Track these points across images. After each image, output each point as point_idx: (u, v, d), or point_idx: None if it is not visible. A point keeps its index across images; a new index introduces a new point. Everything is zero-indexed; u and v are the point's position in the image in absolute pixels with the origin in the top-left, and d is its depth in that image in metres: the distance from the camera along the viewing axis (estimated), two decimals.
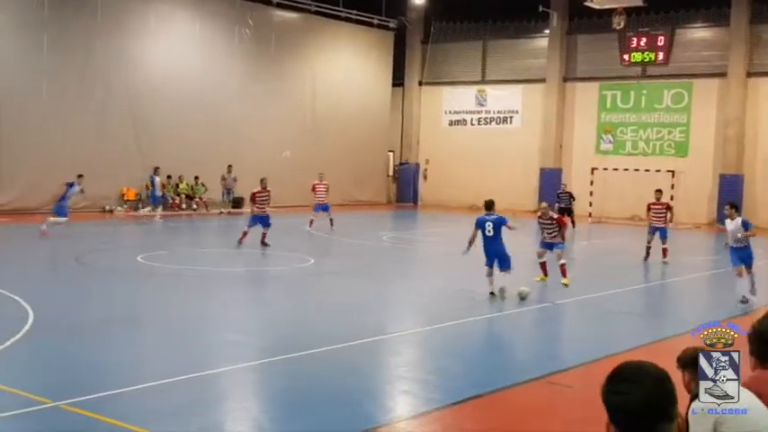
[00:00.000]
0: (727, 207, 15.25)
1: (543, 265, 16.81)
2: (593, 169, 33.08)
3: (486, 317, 12.96)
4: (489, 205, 15.12)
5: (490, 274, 14.70)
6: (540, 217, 17.24)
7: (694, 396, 3.42)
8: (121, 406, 7.75)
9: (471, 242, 14.86)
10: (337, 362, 9.80)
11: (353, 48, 38.00)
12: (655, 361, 9.12)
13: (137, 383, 8.34)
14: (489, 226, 14.67)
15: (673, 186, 32.19)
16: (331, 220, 25.74)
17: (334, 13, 36.11)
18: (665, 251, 20.61)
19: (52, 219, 21.40)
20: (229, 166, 31.22)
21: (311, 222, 25.46)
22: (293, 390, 8.60)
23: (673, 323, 13.07)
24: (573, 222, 28.76)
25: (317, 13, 35.68)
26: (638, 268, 20.75)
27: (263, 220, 20.80)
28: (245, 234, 20.70)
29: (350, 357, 10.05)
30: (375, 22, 37.96)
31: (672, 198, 31.88)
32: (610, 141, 35.63)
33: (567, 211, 28.42)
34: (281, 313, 13.12)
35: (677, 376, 3.88)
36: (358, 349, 10.40)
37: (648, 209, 21.28)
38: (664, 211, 20.95)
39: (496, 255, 14.73)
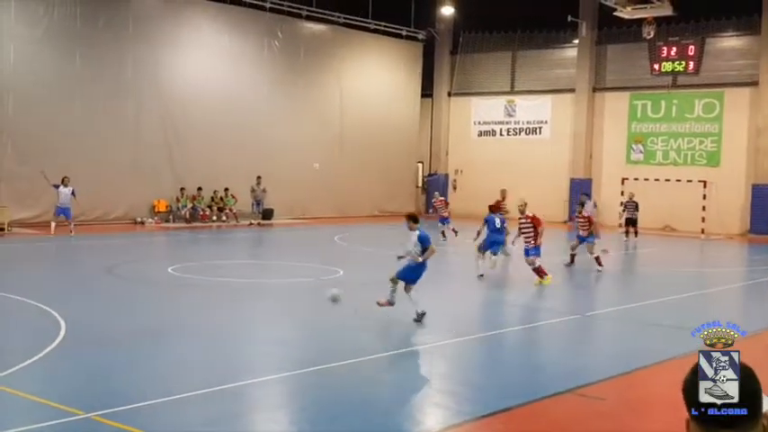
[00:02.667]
0: None
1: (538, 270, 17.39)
2: (623, 179, 32.83)
3: (515, 329, 12.89)
4: (495, 208, 20.62)
5: (482, 258, 17.93)
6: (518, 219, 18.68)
7: None
8: (153, 418, 7.79)
9: (480, 233, 19.05)
10: (367, 373, 9.80)
11: (382, 59, 38.12)
12: (684, 373, 8.94)
13: (168, 395, 8.39)
14: (498, 221, 18.71)
15: (705, 197, 31.86)
16: (453, 230, 27.11)
17: (363, 25, 36.28)
18: (597, 260, 20.40)
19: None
20: (258, 177, 31.41)
21: (443, 234, 26.63)
22: (323, 401, 8.60)
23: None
24: (636, 232, 28.69)
25: (345, 25, 35.86)
26: (670, 279, 20.54)
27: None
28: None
29: (380, 369, 10.04)
30: (404, 33, 38.06)
31: (704, 209, 31.61)
32: (640, 151, 35.36)
33: (633, 221, 28.49)
34: (310, 325, 13.13)
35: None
36: (388, 361, 10.39)
37: (572, 219, 21.10)
38: (587, 222, 20.84)
39: (498, 243, 18.82)
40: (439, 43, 40.10)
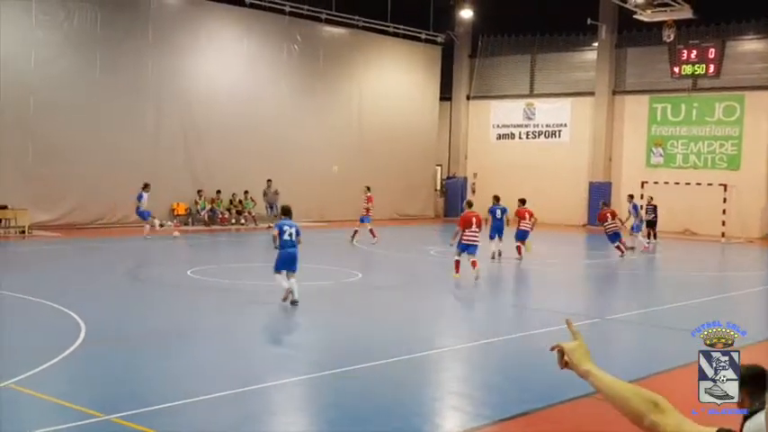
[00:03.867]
0: None
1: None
2: (643, 183, 32.63)
3: (534, 332, 12.83)
4: (498, 198, 23.45)
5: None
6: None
7: (752, 413, 3.34)
8: (172, 420, 7.83)
9: (487, 221, 21.12)
10: (385, 377, 9.80)
11: (401, 62, 38.15)
12: None
13: (187, 398, 8.43)
14: (499, 212, 22.49)
15: (725, 200, 31.61)
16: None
17: (382, 28, 36.32)
18: (518, 248, 22.38)
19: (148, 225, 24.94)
20: (269, 180, 31.42)
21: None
22: (341, 405, 8.62)
23: None
24: (654, 235, 28.84)
25: (364, 28, 35.92)
26: (691, 283, 20.40)
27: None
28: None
29: (398, 372, 10.04)
30: (423, 36, 38.06)
31: (724, 212, 31.36)
32: (660, 155, 35.16)
33: (653, 223, 28.64)
34: (329, 328, 13.16)
35: None
36: (406, 364, 10.39)
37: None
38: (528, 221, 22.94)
39: (499, 230, 22.31)
40: (458, 46, 40.07)
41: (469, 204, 19.68)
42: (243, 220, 31.35)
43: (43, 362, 9.53)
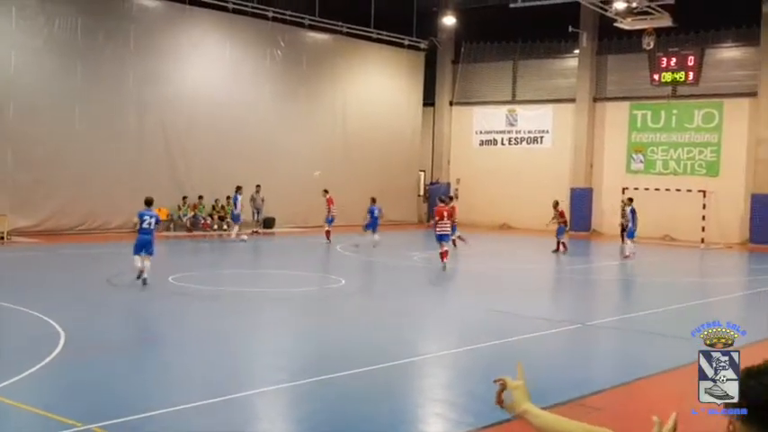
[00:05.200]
0: None
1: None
2: (623, 189, 32.82)
3: (516, 338, 12.87)
4: (374, 200, 26.84)
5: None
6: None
7: None
8: (152, 429, 7.79)
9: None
10: (369, 384, 9.80)
11: (384, 68, 38.21)
12: (685, 384, 8.96)
13: (167, 406, 8.39)
14: (376, 210, 25.75)
15: (704, 206, 31.87)
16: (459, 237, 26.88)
17: (366, 34, 36.37)
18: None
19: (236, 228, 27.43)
20: (257, 186, 31.41)
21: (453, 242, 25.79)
22: (324, 413, 8.60)
23: (704, 345, 12.86)
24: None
25: (348, 34, 35.96)
26: (670, 289, 20.55)
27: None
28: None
29: (382, 379, 10.04)
30: (406, 42, 38.16)
31: (703, 218, 31.59)
32: (641, 161, 35.41)
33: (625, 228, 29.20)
34: (311, 335, 13.14)
35: None
36: (389, 371, 10.39)
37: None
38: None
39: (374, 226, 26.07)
40: (441, 53, 40.20)
41: (441, 200, 23.01)
42: (225, 226, 31.25)
43: (22, 371, 9.45)
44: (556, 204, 28.65)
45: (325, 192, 28.96)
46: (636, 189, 32.72)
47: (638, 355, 12.41)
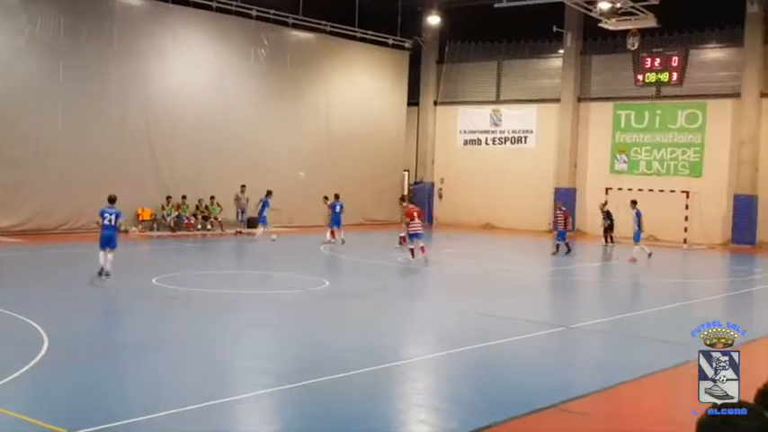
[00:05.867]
0: None
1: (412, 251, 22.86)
2: (607, 189, 32.99)
3: (500, 342, 12.91)
4: (337, 196, 28.17)
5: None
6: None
7: None
8: None
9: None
10: (353, 389, 9.79)
11: (369, 68, 38.18)
12: (669, 387, 9.07)
13: (152, 412, 8.36)
14: (338, 207, 27.63)
15: (687, 207, 32.06)
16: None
17: (350, 33, 36.33)
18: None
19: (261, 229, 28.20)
20: (242, 186, 31.34)
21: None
22: (307, 418, 8.59)
23: (687, 348, 12.94)
24: (611, 239, 30.24)
25: (332, 33, 35.91)
26: (654, 290, 20.67)
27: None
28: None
29: (365, 384, 10.04)
30: (390, 42, 38.15)
31: (686, 219, 31.79)
32: (624, 161, 35.57)
33: (609, 228, 30.12)
34: (296, 338, 13.12)
35: None
36: (373, 376, 10.39)
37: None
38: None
39: (337, 222, 27.48)
40: (425, 52, 40.22)
41: (410, 200, 25.05)
42: (209, 226, 31.16)
43: (4, 376, 9.38)
44: (560, 206, 28.35)
45: (326, 198, 29.39)
46: (619, 189, 32.89)
47: (622, 359, 12.46)
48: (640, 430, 8.99)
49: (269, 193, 28.93)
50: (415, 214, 23.22)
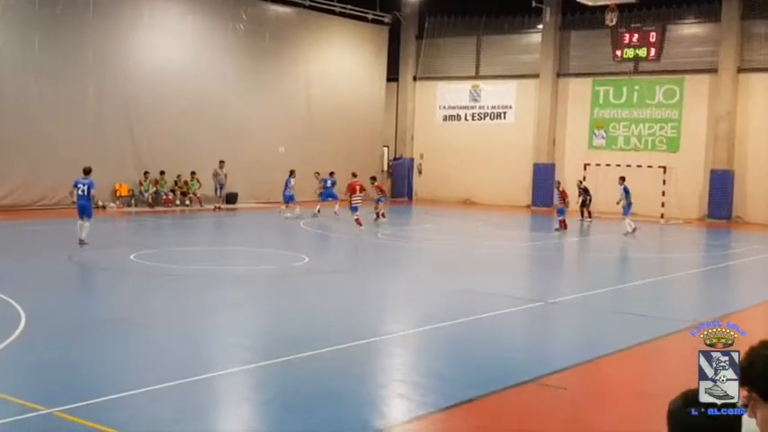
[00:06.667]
0: None
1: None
2: (585, 165, 33.15)
3: (479, 317, 12.98)
4: (332, 173, 29.46)
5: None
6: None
7: None
8: (117, 412, 7.74)
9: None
10: (331, 364, 9.83)
11: (348, 43, 37.97)
12: (645, 361, 9.15)
13: (132, 389, 8.34)
14: (329, 182, 28.79)
15: (664, 182, 32.29)
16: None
17: (329, 8, 36.07)
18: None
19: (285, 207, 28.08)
20: (221, 161, 31.17)
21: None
22: (288, 394, 8.62)
23: (664, 323, 13.12)
24: (590, 214, 30.87)
25: (311, 8, 35.62)
26: (631, 265, 20.85)
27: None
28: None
29: (345, 360, 10.07)
30: (369, 17, 37.92)
31: (663, 194, 32.03)
32: (602, 137, 35.72)
33: (586, 204, 30.54)
34: (275, 314, 13.13)
35: None
36: (353, 351, 10.43)
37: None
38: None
39: (332, 195, 28.54)
40: (405, 27, 40.03)
41: (354, 175, 26.67)
42: (188, 202, 31.00)
43: None
44: (558, 185, 28.99)
45: (317, 174, 30.34)
46: (598, 165, 33.06)
47: (600, 333, 12.59)
48: (617, 403, 9.10)
49: (292, 173, 28.83)
50: (358, 188, 25.38)
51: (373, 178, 29.95)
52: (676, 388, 2.62)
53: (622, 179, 27.47)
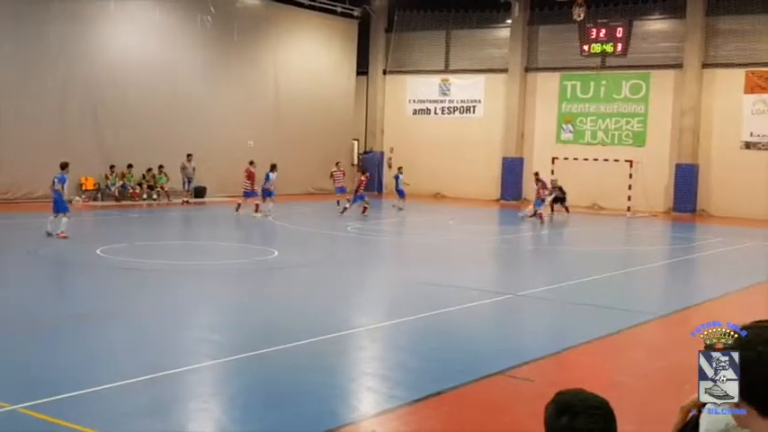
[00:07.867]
0: None
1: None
2: (553, 159, 33.39)
3: (447, 310, 13.04)
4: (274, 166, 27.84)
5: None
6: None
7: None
8: (82, 408, 7.67)
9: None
10: (300, 359, 9.81)
11: (317, 36, 37.85)
12: (612, 353, 9.26)
13: (98, 384, 8.27)
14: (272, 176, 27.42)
15: (631, 176, 32.62)
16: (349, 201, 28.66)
17: (298, 1, 35.89)
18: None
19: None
20: (189, 154, 30.94)
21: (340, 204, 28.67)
22: (256, 388, 8.60)
23: (630, 314, 13.27)
24: (567, 209, 31.46)
25: (280, 0, 35.42)
26: (598, 258, 21.05)
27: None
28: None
29: (313, 353, 10.07)
30: (339, 10, 37.80)
31: (630, 187, 32.39)
32: (570, 131, 35.99)
33: (561, 200, 31.11)
34: (244, 309, 13.08)
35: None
36: (321, 345, 10.42)
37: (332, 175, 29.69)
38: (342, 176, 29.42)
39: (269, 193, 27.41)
40: (374, 21, 39.99)
41: (250, 162, 27.56)
42: (155, 196, 30.74)
43: None
44: (536, 175, 29.64)
45: (338, 164, 31.26)
46: (566, 159, 33.31)
47: (568, 325, 12.70)
48: None
49: (273, 167, 27.59)
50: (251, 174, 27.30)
51: (362, 170, 30.67)
52: (643, 378, 2.67)
53: (536, 174, 29.42)
